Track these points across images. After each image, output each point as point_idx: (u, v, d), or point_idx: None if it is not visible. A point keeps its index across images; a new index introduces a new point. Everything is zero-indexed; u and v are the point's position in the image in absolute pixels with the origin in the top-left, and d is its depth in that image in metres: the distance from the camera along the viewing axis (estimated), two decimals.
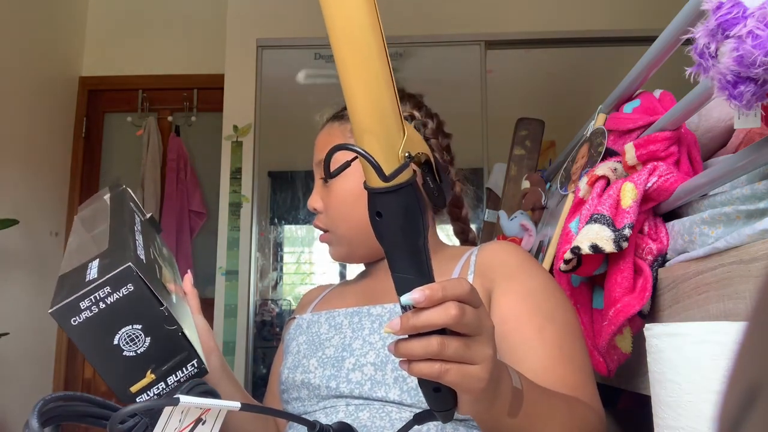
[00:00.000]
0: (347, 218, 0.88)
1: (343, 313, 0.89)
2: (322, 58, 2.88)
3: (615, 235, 0.76)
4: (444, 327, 0.48)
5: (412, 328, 0.48)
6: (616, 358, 0.84)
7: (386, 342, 0.79)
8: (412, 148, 0.48)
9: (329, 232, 0.91)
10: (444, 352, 0.48)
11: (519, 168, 1.69)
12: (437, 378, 0.49)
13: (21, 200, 2.75)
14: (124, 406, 0.50)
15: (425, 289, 0.48)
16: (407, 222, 0.48)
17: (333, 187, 0.89)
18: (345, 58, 0.45)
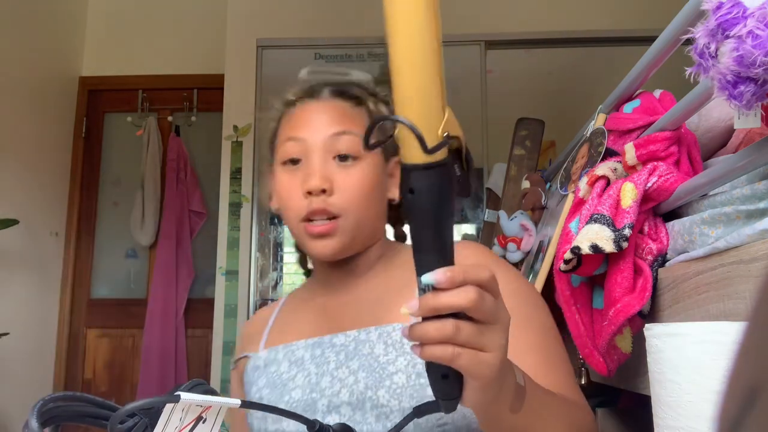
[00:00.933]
0: (366, 204, 0.80)
1: (302, 345, 0.81)
2: (322, 58, 2.88)
3: (615, 235, 0.76)
4: (462, 310, 0.48)
5: (431, 310, 0.48)
6: (616, 358, 0.84)
7: (358, 376, 0.74)
8: (450, 131, 0.48)
9: (339, 218, 0.78)
10: (458, 336, 0.48)
11: (519, 168, 1.69)
12: (449, 361, 0.48)
13: (21, 200, 2.75)
14: (124, 406, 0.50)
15: (447, 271, 0.48)
16: (438, 202, 0.48)
17: (354, 171, 0.79)
18: (400, 30, 0.46)
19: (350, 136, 0.80)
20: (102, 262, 3.23)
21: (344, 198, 0.78)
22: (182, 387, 0.52)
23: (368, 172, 0.80)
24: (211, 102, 3.14)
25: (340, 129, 0.80)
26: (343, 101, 0.84)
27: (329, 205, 0.77)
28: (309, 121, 0.81)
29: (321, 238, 0.78)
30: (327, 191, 0.77)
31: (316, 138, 0.80)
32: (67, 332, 3.12)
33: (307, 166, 0.79)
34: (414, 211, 0.49)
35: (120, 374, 3.10)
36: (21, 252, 2.77)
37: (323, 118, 0.81)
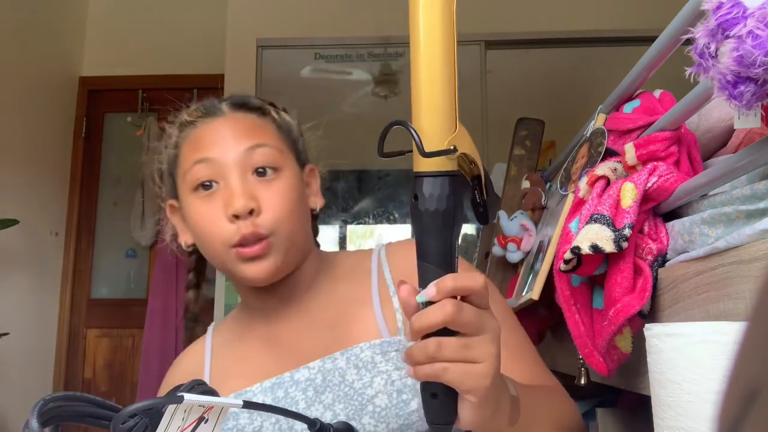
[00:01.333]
0: (294, 217, 0.74)
1: (259, 390, 0.74)
2: (322, 58, 2.88)
3: (615, 235, 0.76)
4: (442, 326, 0.48)
5: (416, 333, 0.48)
6: (616, 358, 0.84)
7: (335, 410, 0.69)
8: (460, 147, 0.50)
9: (271, 236, 0.71)
10: (441, 352, 0.47)
11: (519, 168, 1.69)
12: (437, 377, 0.48)
13: (21, 200, 2.75)
14: (124, 406, 0.50)
15: (437, 283, 0.48)
16: (440, 211, 0.49)
17: (277, 185, 0.73)
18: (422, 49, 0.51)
19: (266, 148, 0.74)
20: (102, 262, 3.23)
21: (273, 217, 0.71)
22: (182, 387, 0.52)
23: (290, 184, 0.74)
24: None
25: (254, 142, 0.74)
26: (246, 113, 0.78)
27: (258, 226, 0.70)
28: (216, 139, 0.74)
29: (253, 261, 0.71)
30: (255, 211, 0.70)
31: (229, 155, 0.72)
32: (67, 332, 3.12)
33: (225, 189, 0.72)
34: (415, 217, 0.50)
35: (120, 374, 3.10)
36: (21, 252, 2.77)
37: (231, 132, 0.74)
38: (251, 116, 0.78)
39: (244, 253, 0.70)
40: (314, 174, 0.84)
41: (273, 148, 0.75)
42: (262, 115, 0.79)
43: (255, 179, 0.72)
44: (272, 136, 0.77)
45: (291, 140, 0.80)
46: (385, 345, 0.71)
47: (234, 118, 0.77)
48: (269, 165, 0.74)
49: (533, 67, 2.97)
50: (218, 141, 0.74)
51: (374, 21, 2.88)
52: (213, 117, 0.77)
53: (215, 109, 0.78)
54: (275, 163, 0.74)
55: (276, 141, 0.77)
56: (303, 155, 0.82)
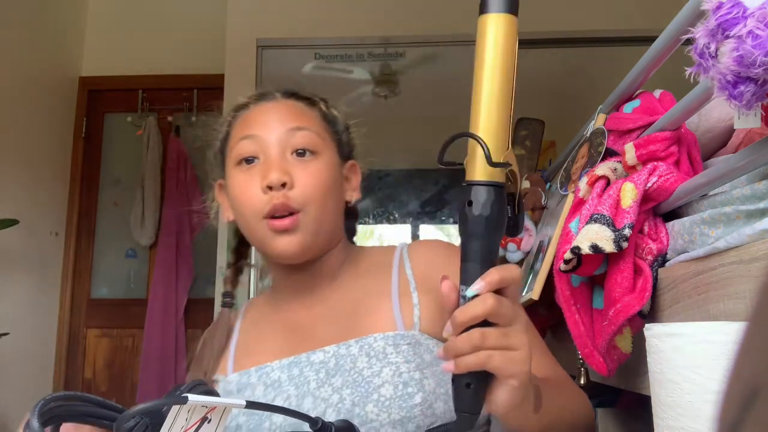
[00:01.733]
0: (326, 200, 0.78)
1: (277, 367, 0.78)
2: (322, 58, 2.88)
3: (615, 235, 0.76)
4: (484, 318, 0.53)
5: (459, 326, 0.53)
6: (616, 358, 0.84)
7: (342, 393, 0.72)
8: (511, 165, 0.58)
9: (300, 213, 0.76)
10: (486, 341, 0.52)
11: (519, 168, 1.69)
12: (482, 365, 0.52)
13: (21, 200, 2.75)
14: (124, 406, 0.50)
15: (484, 277, 0.53)
16: (491, 216, 0.55)
17: (313, 166, 0.78)
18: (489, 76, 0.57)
19: (307, 132, 0.80)
20: (102, 262, 3.23)
21: (304, 192, 0.76)
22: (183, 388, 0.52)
23: (326, 168, 0.80)
24: (211, 102, 3.14)
25: (296, 125, 0.80)
26: (296, 101, 0.85)
27: (290, 199, 0.75)
28: (264, 120, 0.81)
29: (284, 234, 0.76)
30: (287, 185, 0.76)
31: (272, 134, 0.79)
32: (67, 332, 3.12)
33: (264, 163, 0.78)
34: (469, 222, 0.56)
35: (120, 374, 3.10)
36: (21, 252, 2.77)
37: (278, 115, 0.81)
38: (299, 104, 0.84)
39: (274, 225, 0.76)
40: (355, 170, 0.89)
41: (313, 132, 0.81)
42: (309, 105, 0.85)
43: (293, 158, 0.78)
44: (315, 123, 0.82)
45: (334, 131, 0.86)
46: (398, 338, 0.74)
47: (283, 103, 0.84)
48: (308, 147, 0.79)
49: (533, 67, 2.97)
50: (265, 121, 0.81)
51: (374, 21, 2.88)
52: (265, 101, 0.85)
53: (268, 94, 0.86)
54: (314, 146, 0.80)
55: (318, 127, 0.82)
56: (346, 149, 0.88)
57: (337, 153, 0.84)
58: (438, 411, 0.71)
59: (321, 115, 0.85)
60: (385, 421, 0.69)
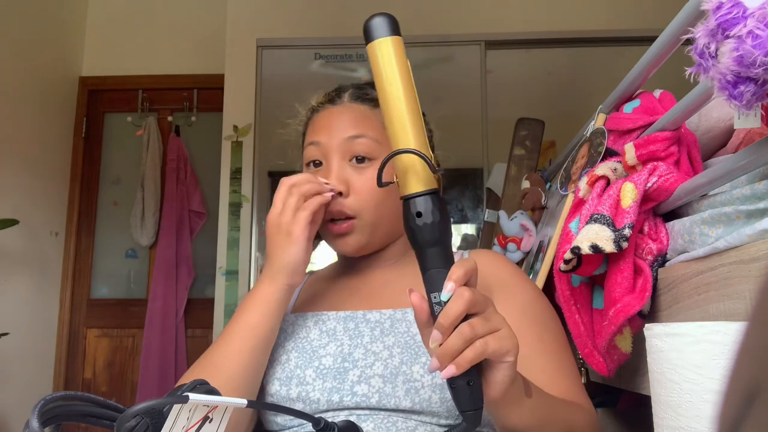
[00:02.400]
0: (381, 204, 0.83)
1: (333, 317, 0.83)
2: (322, 58, 2.88)
3: (615, 235, 0.76)
4: (467, 311, 0.55)
5: (448, 328, 0.54)
6: (616, 358, 0.84)
7: (393, 351, 0.77)
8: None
9: (356, 218, 0.83)
10: (476, 331, 0.54)
11: (519, 168, 1.69)
12: (481, 354, 0.54)
13: (21, 200, 2.75)
14: (125, 406, 0.50)
15: (450, 276, 0.56)
16: (440, 221, 0.58)
17: (369, 172, 0.83)
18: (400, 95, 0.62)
19: (365, 139, 0.84)
20: (102, 262, 3.23)
21: (358, 200, 0.82)
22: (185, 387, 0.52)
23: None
24: (211, 102, 3.14)
25: (356, 132, 0.84)
26: (360, 104, 0.88)
27: (345, 206, 0.82)
28: (328, 126, 0.85)
29: (341, 236, 0.84)
30: (343, 194, 0.82)
31: (333, 141, 0.84)
32: (67, 332, 3.12)
33: (326, 169, 0.84)
34: (422, 232, 0.58)
35: (120, 374, 3.10)
36: (21, 252, 2.77)
37: (340, 122, 0.85)
38: (363, 107, 0.87)
39: (333, 229, 0.83)
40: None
41: (371, 139, 0.84)
42: (374, 106, 0.87)
43: (351, 165, 0.83)
44: (375, 128, 0.85)
45: None
46: None
47: (348, 108, 0.87)
48: (366, 154, 0.84)
49: (533, 67, 2.97)
50: (328, 127, 0.85)
51: None
52: (332, 105, 0.88)
53: (336, 97, 0.89)
54: (372, 152, 0.84)
55: (377, 132, 0.85)
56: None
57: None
58: None
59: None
60: (428, 383, 0.73)
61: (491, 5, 2.91)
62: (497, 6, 2.91)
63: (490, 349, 0.55)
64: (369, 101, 0.88)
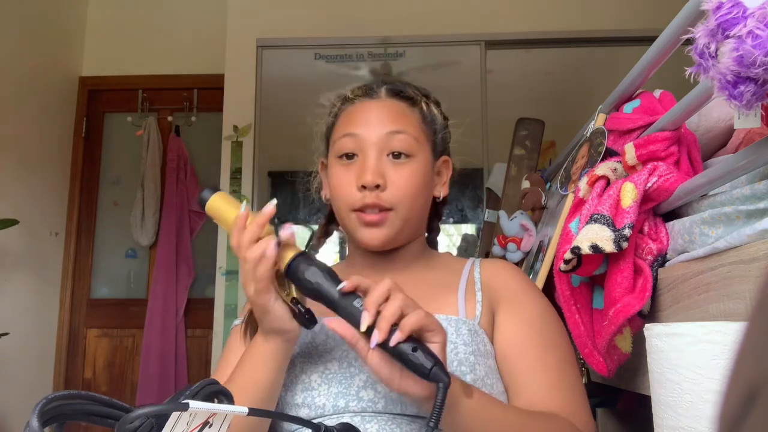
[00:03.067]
0: (416, 200, 0.84)
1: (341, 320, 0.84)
2: (322, 58, 2.88)
3: (615, 235, 0.76)
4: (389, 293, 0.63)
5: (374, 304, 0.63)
6: (616, 358, 0.84)
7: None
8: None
9: (391, 211, 0.82)
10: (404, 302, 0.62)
11: (519, 168, 1.69)
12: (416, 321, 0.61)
13: (21, 200, 2.75)
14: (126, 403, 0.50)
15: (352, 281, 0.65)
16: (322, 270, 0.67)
17: (407, 168, 0.82)
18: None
19: (405, 135, 0.84)
20: (102, 262, 3.23)
21: (396, 194, 0.82)
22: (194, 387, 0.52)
23: (419, 170, 0.84)
24: (211, 102, 3.14)
25: (396, 128, 0.83)
26: (398, 101, 0.87)
27: (381, 199, 0.81)
28: (366, 119, 0.85)
29: (372, 226, 0.83)
30: (381, 186, 0.81)
31: (372, 135, 0.83)
32: (67, 332, 3.12)
33: (362, 162, 0.83)
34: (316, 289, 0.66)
35: (120, 374, 3.10)
36: (21, 252, 2.77)
37: (380, 116, 0.84)
38: (401, 104, 0.87)
39: (364, 217, 0.82)
40: (447, 165, 0.93)
41: (410, 136, 0.84)
42: (411, 105, 0.87)
43: (389, 160, 0.83)
44: (414, 125, 0.86)
45: (432, 131, 0.89)
46: (460, 322, 0.79)
47: (386, 102, 0.86)
48: (404, 150, 0.83)
49: (533, 67, 2.97)
50: (366, 121, 0.84)
51: (374, 21, 2.88)
52: (369, 98, 0.88)
53: (372, 91, 0.88)
54: (409, 149, 0.84)
55: (416, 130, 0.86)
56: (440, 147, 0.91)
57: (431, 152, 0.88)
58: None
59: (420, 116, 0.88)
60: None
61: (491, 5, 2.91)
62: (497, 6, 2.91)
63: (421, 319, 0.60)
64: (407, 99, 0.88)
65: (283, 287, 0.71)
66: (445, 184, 0.92)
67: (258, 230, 0.70)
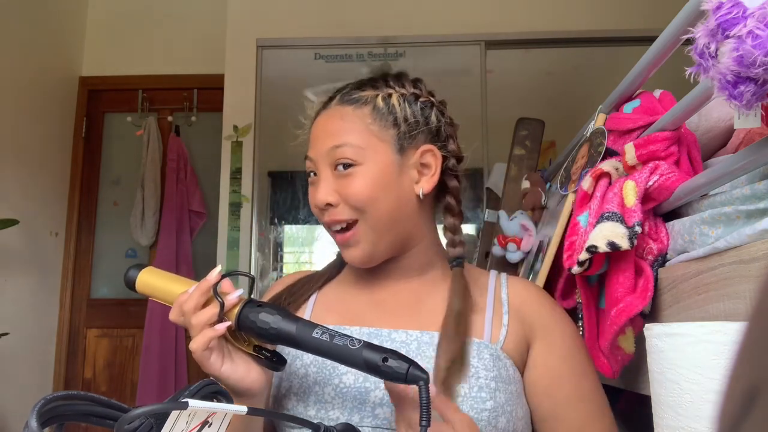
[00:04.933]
0: (376, 203, 0.78)
1: (356, 333, 0.79)
2: (322, 58, 2.88)
3: (628, 232, 0.76)
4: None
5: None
6: (620, 359, 0.84)
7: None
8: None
9: (358, 222, 0.78)
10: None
11: (519, 168, 1.69)
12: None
13: (21, 200, 2.75)
14: (126, 404, 0.50)
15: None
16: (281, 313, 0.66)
17: (356, 175, 0.78)
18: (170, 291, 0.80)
19: (344, 148, 0.79)
20: (102, 262, 3.23)
21: (349, 207, 0.78)
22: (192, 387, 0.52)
23: (371, 174, 0.78)
24: (211, 102, 3.14)
25: (335, 143, 0.79)
26: (346, 106, 0.82)
27: (337, 215, 0.79)
28: (315, 138, 0.83)
29: (345, 246, 0.81)
30: (333, 203, 0.79)
31: (319, 153, 0.81)
32: (67, 332, 3.12)
33: (318, 181, 0.82)
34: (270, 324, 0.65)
35: (120, 374, 3.10)
36: (21, 252, 2.77)
37: (324, 131, 0.82)
38: (348, 108, 0.82)
39: (337, 238, 0.81)
40: (432, 154, 0.83)
41: (351, 146, 0.79)
42: (361, 105, 0.82)
43: (339, 173, 0.79)
44: (356, 131, 0.80)
45: (391, 124, 0.82)
46: (482, 346, 0.76)
47: (332, 113, 0.83)
48: (347, 160, 0.79)
49: (533, 67, 2.97)
50: (315, 140, 0.83)
51: (374, 21, 2.88)
52: (323, 111, 0.85)
53: (328, 100, 0.86)
54: (354, 158, 0.79)
55: (360, 136, 0.80)
56: (409, 138, 0.82)
57: (392, 147, 0.80)
58: (500, 425, 0.72)
59: (371, 115, 0.81)
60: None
61: (491, 5, 2.91)
62: (497, 6, 2.91)
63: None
64: (354, 101, 0.82)
65: (240, 340, 0.69)
66: (433, 176, 0.82)
67: (202, 298, 0.70)
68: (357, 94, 0.83)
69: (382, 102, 0.82)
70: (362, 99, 0.82)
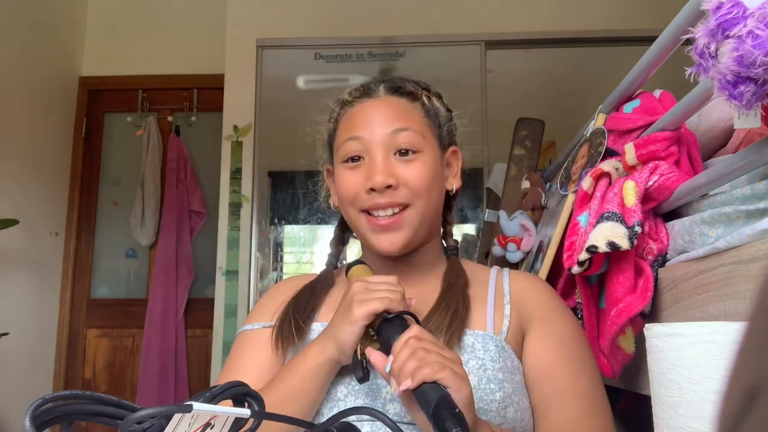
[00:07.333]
0: (431, 195, 0.81)
1: None
2: (322, 58, 2.88)
3: (628, 232, 0.76)
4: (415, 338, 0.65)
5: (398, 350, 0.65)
6: (620, 359, 0.84)
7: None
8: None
9: (408, 208, 0.80)
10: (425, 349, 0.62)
11: (519, 168, 1.69)
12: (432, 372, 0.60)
13: (21, 200, 2.75)
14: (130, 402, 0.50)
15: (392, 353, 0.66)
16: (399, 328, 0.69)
17: (416, 164, 0.80)
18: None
19: (409, 132, 0.81)
20: (102, 262, 3.23)
21: (410, 191, 0.80)
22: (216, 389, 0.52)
23: (429, 165, 0.81)
24: (211, 102, 3.14)
25: (399, 125, 0.81)
26: (398, 97, 0.85)
27: (396, 197, 0.79)
28: (368, 120, 0.82)
29: (386, 231, 0.80)
30: (392, 186, 0.79)
31: (376, 135, 0.81)
32: (67, 332, 3.12)
33: (370, 164, 0.81)
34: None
35: (120, 374, 3.10)
36: (21, 252, 2.77)
37: (381, 115, 0.82)
38: (402, 100, 0.85)
39: (376, 222, 0.80)
40: (457, 155, 0.90)
41: (416, 132, 0.82)
42: (412, 100, 0.85)
43: (397, 158, 0.80)
44: (417, 121, 0.83)
45: (436, 124, 0.87)
46: (487, 338, 0.77)
47: (386, 101, 0.84)
48: (411, 147, 0.81)
49: (533, 67, 2.97)
50: (369, 122, 0.82)
51: (374, 21, 2.88)
52: (368, 98, 0.85)
53: (371, 91, 0.86)
54: (416, 145, 0.81)
55: (420, 125, 0.83)
56: (446, 138, 0.89)
57: (437, 145, 0.86)
58: (509, 416, 0.73)
59: (423, 110, 0.85)
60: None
61: (491, 5, 2.91)
62: (497, 6, 2.91)
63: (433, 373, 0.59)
64: (407, 94, 0.85)
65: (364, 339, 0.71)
66: (456, 175, 0.89)
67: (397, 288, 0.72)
68: (407, 88, 0.86)
69: (428, 101, 0.87)
70: (414, 94, 0.86)
